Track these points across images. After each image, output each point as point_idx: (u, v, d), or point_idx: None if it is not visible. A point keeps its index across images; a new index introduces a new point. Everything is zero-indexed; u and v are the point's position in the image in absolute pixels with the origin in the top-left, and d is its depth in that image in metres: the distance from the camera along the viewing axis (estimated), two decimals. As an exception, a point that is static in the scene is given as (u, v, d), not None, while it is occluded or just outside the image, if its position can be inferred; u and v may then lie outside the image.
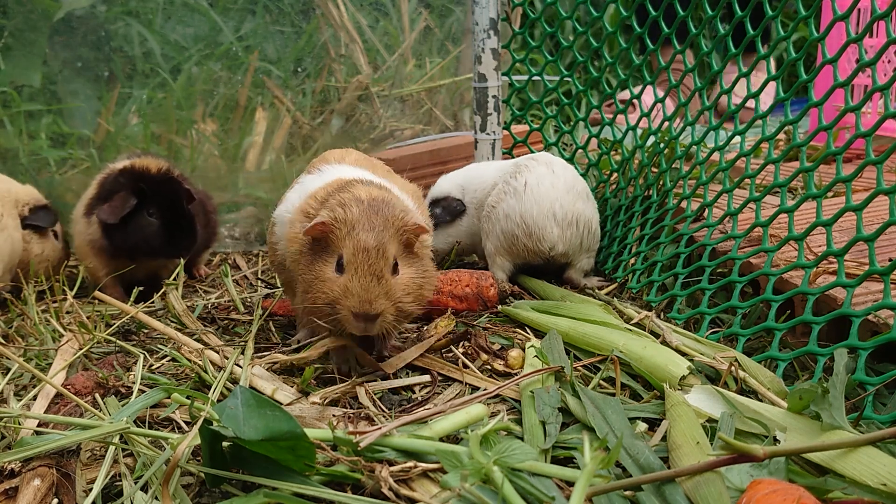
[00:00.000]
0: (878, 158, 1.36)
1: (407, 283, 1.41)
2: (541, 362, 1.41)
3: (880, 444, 1.05)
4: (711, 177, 1.89)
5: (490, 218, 1.96)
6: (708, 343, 1.51)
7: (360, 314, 1.35)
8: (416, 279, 1.43)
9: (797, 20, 1.63)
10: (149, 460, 1.16)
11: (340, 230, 1.37)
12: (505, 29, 2.43)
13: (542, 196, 1.90)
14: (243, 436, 1.00)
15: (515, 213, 1.91)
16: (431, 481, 1.07)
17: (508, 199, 1.93)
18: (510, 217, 1.91)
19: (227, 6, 2.91)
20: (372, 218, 1.37)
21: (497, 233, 1.93)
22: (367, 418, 1.30)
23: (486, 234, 1.98)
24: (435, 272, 1.54)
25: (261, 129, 2.91)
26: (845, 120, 2.68)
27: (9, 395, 1.42)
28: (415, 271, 1.43)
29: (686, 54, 2.08)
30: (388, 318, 1.37)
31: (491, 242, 1.96)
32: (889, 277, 1.30)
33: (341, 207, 1.39)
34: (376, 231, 1.36)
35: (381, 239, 1.36)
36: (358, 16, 3.03)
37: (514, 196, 1.92)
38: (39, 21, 2.66)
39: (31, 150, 2.67)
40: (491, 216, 1.96)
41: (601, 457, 0.95)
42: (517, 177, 1.94)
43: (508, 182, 1.95)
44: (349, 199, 1.40)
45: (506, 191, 1.94)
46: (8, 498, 1.12)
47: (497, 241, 1.94)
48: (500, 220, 1.93)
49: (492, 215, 1.96)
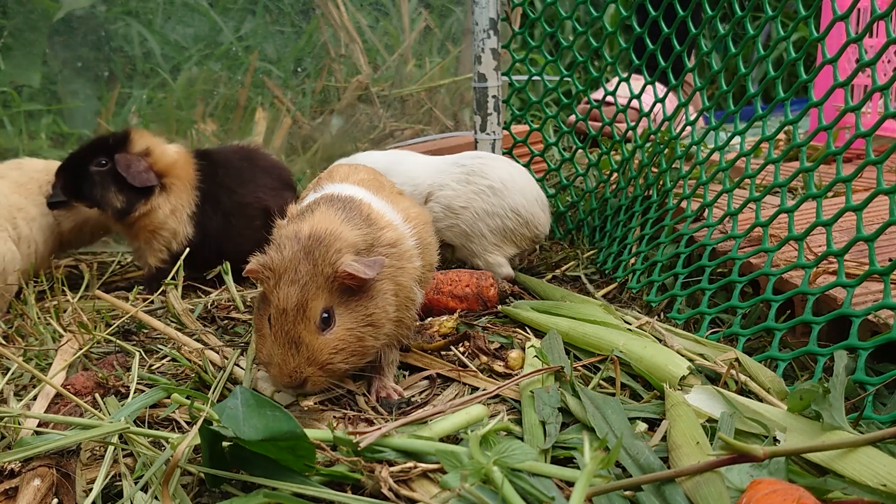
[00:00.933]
0: (878, 158, 1.36)
1: (341, 338, 1.25)
2: (541, 362, 1.41)
3: (880, 444, 1.06)
4: (711, 177, 1.89)
5: (462, 219, 1.96)
6: (708, 343, 1.51)
7: (284, 385, 1.25)
8: (356, 330, 1.27)
9: (797, 20, 1.63)
10: (149, 460, 1.16)
11: (269, 281, 1.26)
12: (505, 29, 2.43)
13: (524, 187, 1.98)
14: (243, 436, 1.00)
15: (503, 209, 1.94)
16: (431, 482, 1.07)
17: (486, 197, 1.95)
18: (496, 214, 1.94)
19: (227, 6, 2.91)
20: (299, 265, 1.24)
21: (483, 232, 1.95)
22: (366, 419, 1.30)
23: (464, 236, 1.98)
24: (389, 309, 1.33)
25: (261, 129, 2.91)
26: (845, 120, 2.68)
27: (9, 396, 1.42)
28: (355, 319, 1.27)
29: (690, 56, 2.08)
30: (319, 380, 1.25)
31: (477, 243, 1.97)
32: (889, 277, 1.30)
33: (276, 249, 1.28)
34: (299, 284, 1.23)
35: (304, 295, 1.22)
36: (358, 16, 3.04)
37: (493, 194, 1.95)
38: (39, 21, 2.66)
39: (31, 150, 2.67)
40: (462, 217, 1.96)
41: (601, 457, 0.95)
42: (480, 176, 1.96)
43: (472, 182, 1.96)
44: (288, 236, 1.28)
45: (476, 192, 1.95)
46: (8, 498, 1.12)
47: (485, 240, 1.96)
48: (481, 218, 1.95)
49: (463, 216, 1.96)
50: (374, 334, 1.30)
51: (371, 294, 1.30)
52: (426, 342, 1.59)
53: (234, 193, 2.16)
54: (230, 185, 2.17)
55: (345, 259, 1.25)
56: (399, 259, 1.38)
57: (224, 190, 2.16)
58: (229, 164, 2.20)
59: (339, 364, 1.26)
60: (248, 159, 2.25)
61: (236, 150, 2.30)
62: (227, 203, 2.16)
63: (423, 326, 1.66)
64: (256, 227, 2.12)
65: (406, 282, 1.39)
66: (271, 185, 2.24)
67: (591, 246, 2.28)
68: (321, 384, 1.26)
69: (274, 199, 2.20)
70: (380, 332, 1.31)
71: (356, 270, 1.24)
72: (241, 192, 2.17)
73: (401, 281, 1.38)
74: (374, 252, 1.33)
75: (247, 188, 2.18)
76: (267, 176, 2.24)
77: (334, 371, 1.26)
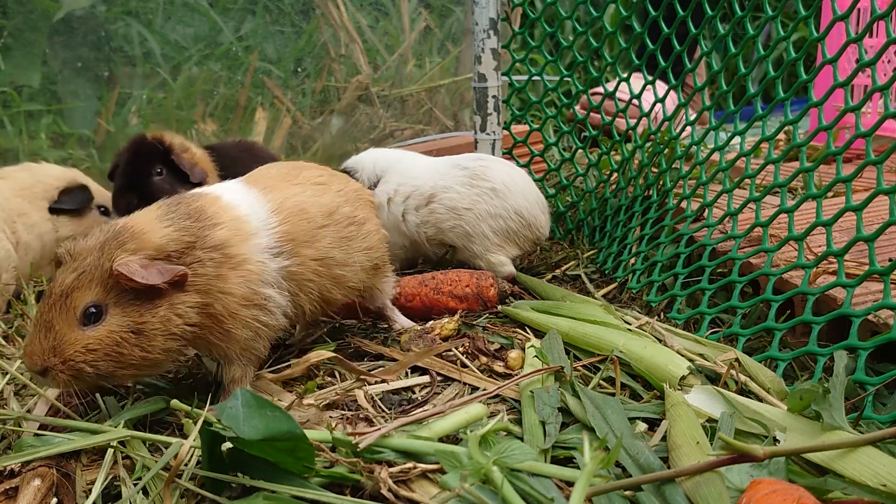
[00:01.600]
0: (878, 158, 1.36)
1: (100, 338, 1.18)
2: (541, 362, 1.41)
3: (880, 444, 1.05)
4: (711, 177, 1.89)
5: (465, 220, 1.97)
6: (709, 343, 1.50)
7: (27, 368, 1.19)
8: (119, 334, 1.19)
9: (797, 20, 1.63)
10: (149, 462, 1.16)
11: (65, 266, 1.23)
12: (505, 29, 2.43)
13: (525, 189, 2.00)
14: (243, 435, 1.00)
15: (506, 210, 1.95)
16: (431, 482, 1.07)
17: (489, 199, 1.96)
18: (499, 215, 1.95)
19: (227, 6, 2.91)
20: (90, 256, 1.20)
21: (486, 233, 1.96)
22: (366, 419, 1.30)
23: (466, 237, 1.98)
24: (175, 321, 1.22)
25: (261, 129, 2.91)
26: (845, 120, 2.68)
27: (9, 396, 1.42)
28: (124, 324, 1.19)
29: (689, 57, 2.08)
30: (61, 376, 1.18)
31: (479, 243, 1.97)
32: (889, 277, 1.30)
33: (88, 237, 1.24)
34: (77, 273, 1.18)
35: (75, 284, 1.17)
36: (358, 16, 3.04)
37: (494, 196, 1.96)
38: (39, 21, 2.66)
39: (31, 150, 2.67)
40: (465, 218, 1.97)
41: (601, 457, 0.95)
42: (483, 179, 1.97)
43: (475, 185, 1.97)
44: (102, 228, 1.25)
45: (479, 194, 1.96)
46: (8, 498, 1.12)
47: (488, 241, 1.96)
48: (484, 220, 1.95)
49: (466, 217, 1.97)
50: (141, 345, 1.20)
51: (159, 302, 1.21)
52: (427, 346, 1.58)
53: None
54: (239, 175, 2.18)
55: (124, 258, 1.18)
56: (221, 265, 1.27)
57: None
58: (234, 157, 2.22)
59: (87, 366, 1.18)
60: (248, 151, 2.27)
61: (235, 144, 2.33)
62: None
63: (424, 330, 1.66)
64: None
65: (235, 289, 1.28)
66: None
67: (591, 246, 2.28)
68: (62, 382, 1.19)
69: None
70: (151, 345, 1.21)
71: (130, 272, 1.16)
72: None
73: (224, 289, 1.27)
74: (192, 254, 1.25)
75: None
76: None
77: (80, 371, 1.19)
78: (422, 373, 1.50)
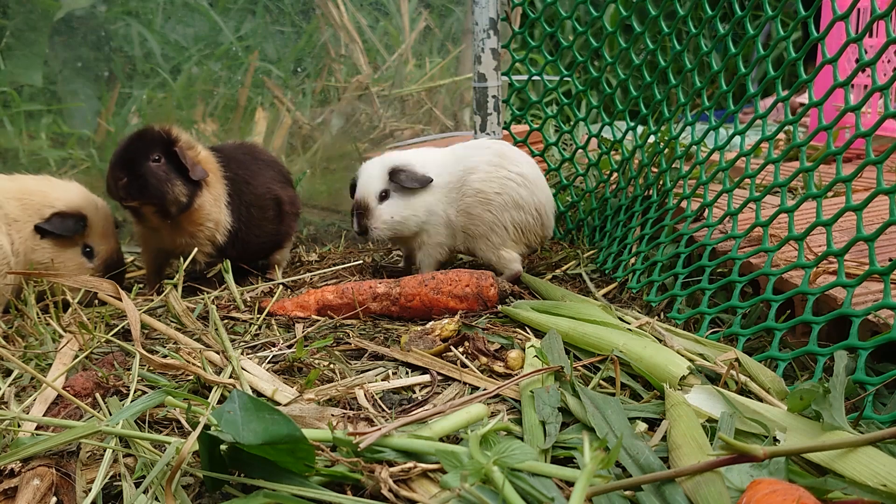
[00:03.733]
0: (878, 158, 1.36)
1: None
2: (541, 362, 1.41)
3: (880, 444, 1.06)
4: (711, 177, 1.89)
5: (493, 204, 1.91)
6: (708, 343, 1.50)
7: None
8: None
9: (797, 20, 1.63)
10: (149, 461, 1.16)
11: None
12: (505, 29, 2.43)
13: (544, 185, 1.98)
14: (242, 440, 1.00)
15: (529, 204, 1.92)
16: (431, 482, 1.07)
17: (517, 188, 1.91)
18: (523, 207, 1.92)
19: (227, 6, 2.91)
20: None
21: (505, 222, 1.92)
22: (366, 419, 1.30)
23: (485, 224, 1.93)
24: None
25: (261, 129, 2.91)
26: (845, 120, 2.68)
27: (9, 397, 1.42)
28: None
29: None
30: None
31: (496, 234, 1.93)
32: (889, 277, 1.30)
33: None
34: None
35: None
36: (358, 16, 3.04)
37: (523, 186, 1.92)
38: (40, 21, 2.66)
39: (31, 150, 2.67)
40: (493, 203, 1.91)
41: (601, 457, 0.95)
42: (511, 165, 1.93)
43: (503, 167, 1.92)
44: None
45: (509, 177, 1.91)
46: (7, 497, 1.12)
47: (504, 232, 1.92)
48: (508, 208, 1.91)
49: (494, 202, 1.91)
50: None
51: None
52: (427, 347, 1.58)
53: (248, 185, 2.18)
54: (244, 177, 2.18)
55: None
56: None
57: (241, 182, 2.17)
58: (238, 159, 2.21)
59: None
60: (250, 153, 2.27)
61: (237, 146, 2.32)
62: (247, 194, 2.17)
63: (425, 331, 1.66)
64: (271, 217, 2.13)
65: None
66: (276, 177, 2.26)
67: (591, 246, 2.28)
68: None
69: (283, 191, 2.21)
70: None
71: None
72: (254, 183, 2.19)
73: None
74: None
75: (257, 180, 2.19)
76: (270, 169, 2.26)
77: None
78: (422, 372, 1.50)
